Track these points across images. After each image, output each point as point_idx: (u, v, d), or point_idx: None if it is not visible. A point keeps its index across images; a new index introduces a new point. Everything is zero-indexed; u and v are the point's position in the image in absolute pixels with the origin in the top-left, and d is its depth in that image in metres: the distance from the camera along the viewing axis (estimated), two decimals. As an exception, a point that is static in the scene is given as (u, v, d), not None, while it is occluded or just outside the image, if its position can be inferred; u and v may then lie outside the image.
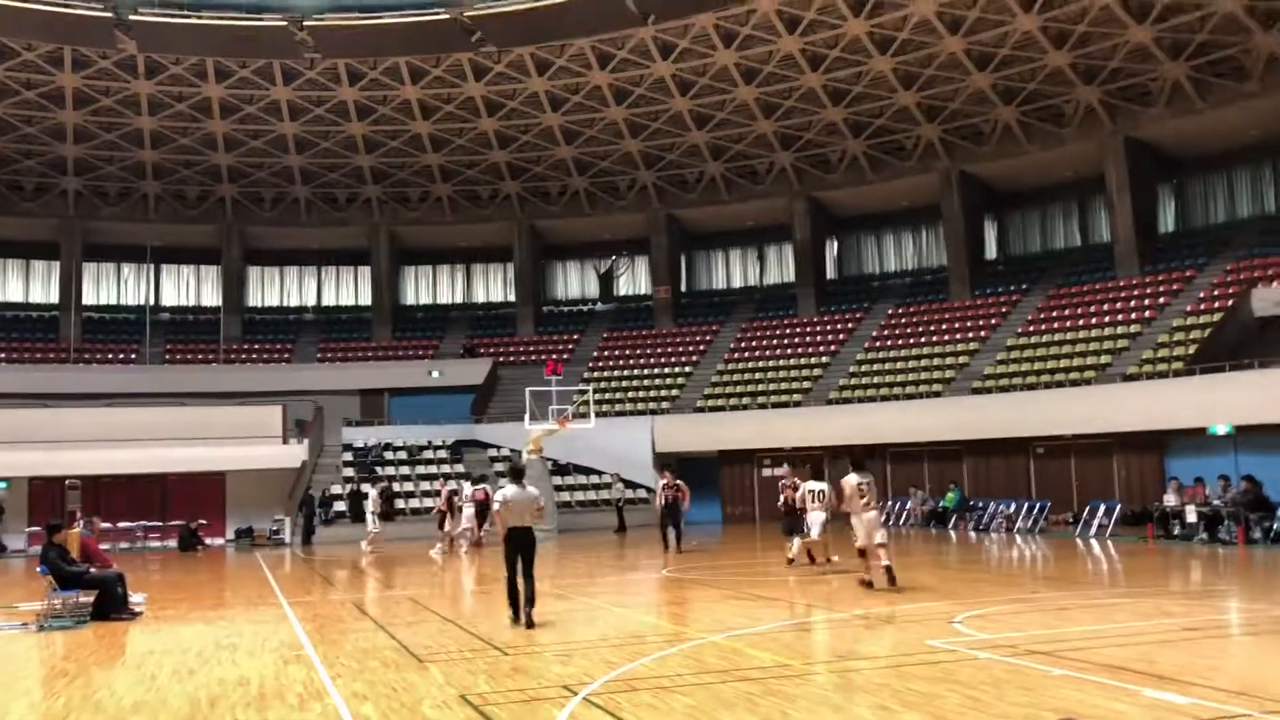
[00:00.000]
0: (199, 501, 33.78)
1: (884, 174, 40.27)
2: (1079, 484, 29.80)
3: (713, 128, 39.85)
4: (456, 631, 12.15)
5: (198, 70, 37.41)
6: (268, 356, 43.89)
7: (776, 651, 9.97)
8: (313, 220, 44.89)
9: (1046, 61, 33.70)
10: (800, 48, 35.14)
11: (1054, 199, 39.87)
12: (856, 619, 12.08)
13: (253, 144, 41.20)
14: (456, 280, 48.90)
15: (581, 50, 36.58)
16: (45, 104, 37.94)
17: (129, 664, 10.63)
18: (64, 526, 15.22)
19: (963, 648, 9.82)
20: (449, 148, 41.86)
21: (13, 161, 40.51)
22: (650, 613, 13.95)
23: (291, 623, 13.44)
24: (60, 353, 41.64)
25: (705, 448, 36.23)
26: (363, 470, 36.08)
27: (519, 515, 12.20)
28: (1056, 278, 37.82)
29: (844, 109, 37.77)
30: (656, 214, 44.04)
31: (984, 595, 13.94)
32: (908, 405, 33.33)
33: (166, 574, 22.71)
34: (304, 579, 20.83)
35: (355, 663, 10.16)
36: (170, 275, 46.76)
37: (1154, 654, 9.25)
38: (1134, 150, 35.14)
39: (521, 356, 43.71)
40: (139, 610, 14.67)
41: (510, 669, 9.63)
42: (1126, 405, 28.14)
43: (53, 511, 28.31)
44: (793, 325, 41.66)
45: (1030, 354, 33.57)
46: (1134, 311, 33.14)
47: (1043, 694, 7.74)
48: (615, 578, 19.35)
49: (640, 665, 9.51)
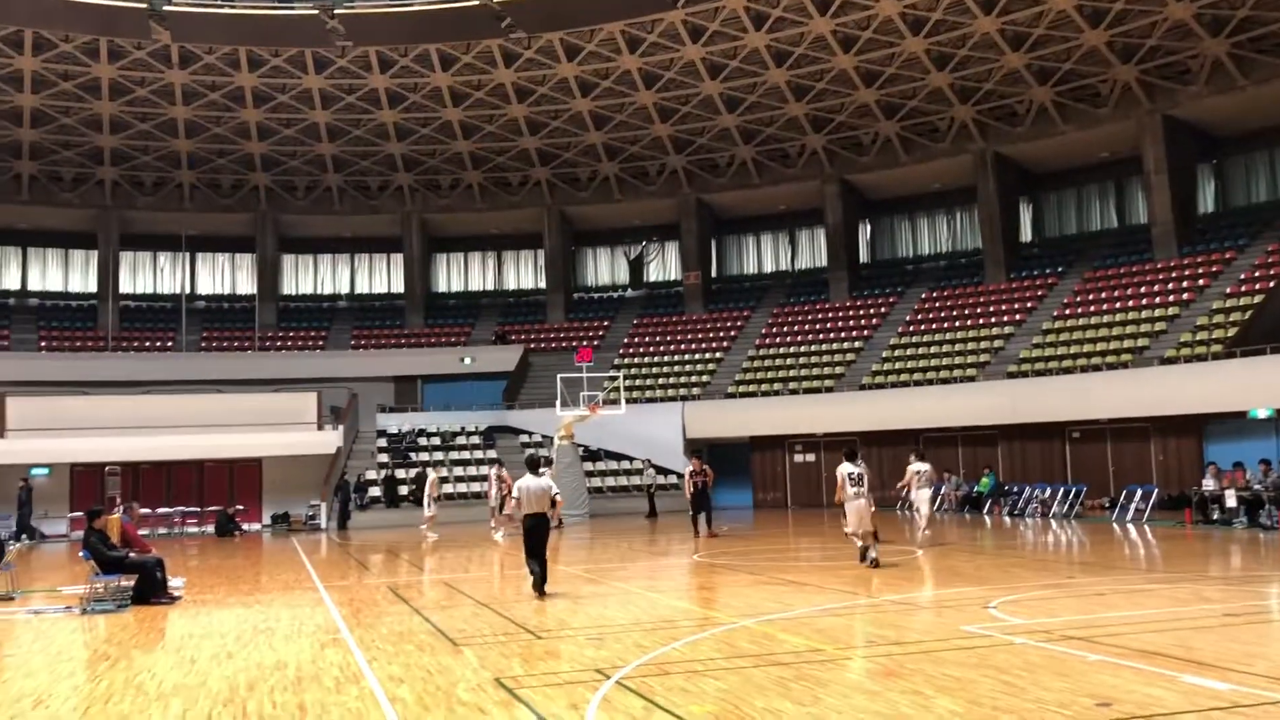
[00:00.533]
0: (236, 487, 34.24)
1: (917, 156, 39.92)
2: (1115, 468, 29.51)
3: (743, 111, 39.65)
4: (490, 615, 12.23)
5: (230, 59, 37.68)
6: (302, 344, 44.28)
7: (809, 636, 9.96)
8: (345, 208, 45.16)
9: (1082, 40, 33.23)
10: (831, 29, 34.85)
11: (1090, 180, 39.36)
12: (890, 604, 12.04)
13: (285, 132, 41.47)
14: (488, 267, 49.05)
15: (611, 35, 36.49)
16: (82, 95, 38.36)
17: (169, 647, 10.79)
18: (104, 512, 15.45)
19: (998, 633, 9.77)
20: (479, 134, 41.93)
21: (51, 152, 41.01)
22: (682, 597, 13.97)
23: (328, 607, 13.58)
24: (99, 341, 42.19)
25: (736, 434, 36.21)
26: (396, 456, 36.37)
27: (535, 502, 13.91)
28: (1093, 260, 37.38)
29: (876, 91, 37.45)
30: (687, 199, 43.92)
31: (1019, 580, 13.85)
32: (942, 390, 33.11)
33: (204, 559, 23.00)
34: (339, 563, 21.03)
35: (391, 646, 10.25)
36: (205, 264, 47.22)
37: (1192, 640, 9.15)
38: (1172, 129, 34.61)
39: (552, 343, 43.82)
40: (178, 594, 14.89)
41: (543, 652, 9.68)
42: (1164, 388, 27.81)
43: (93, 497, 28.82)
44: (825, 310, 41.45)
45: (1066, 337, 33.23)
46: (1172, 294, 32.70)
47: (1079, 679, 7.68)
48: (647, 562, 19.39)
49: (672, 649, 9.54)
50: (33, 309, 44.20)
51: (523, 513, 14.05)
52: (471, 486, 34.73)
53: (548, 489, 14.14)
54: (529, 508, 13.93)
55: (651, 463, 34.11)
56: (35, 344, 41.54)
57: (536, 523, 13.88)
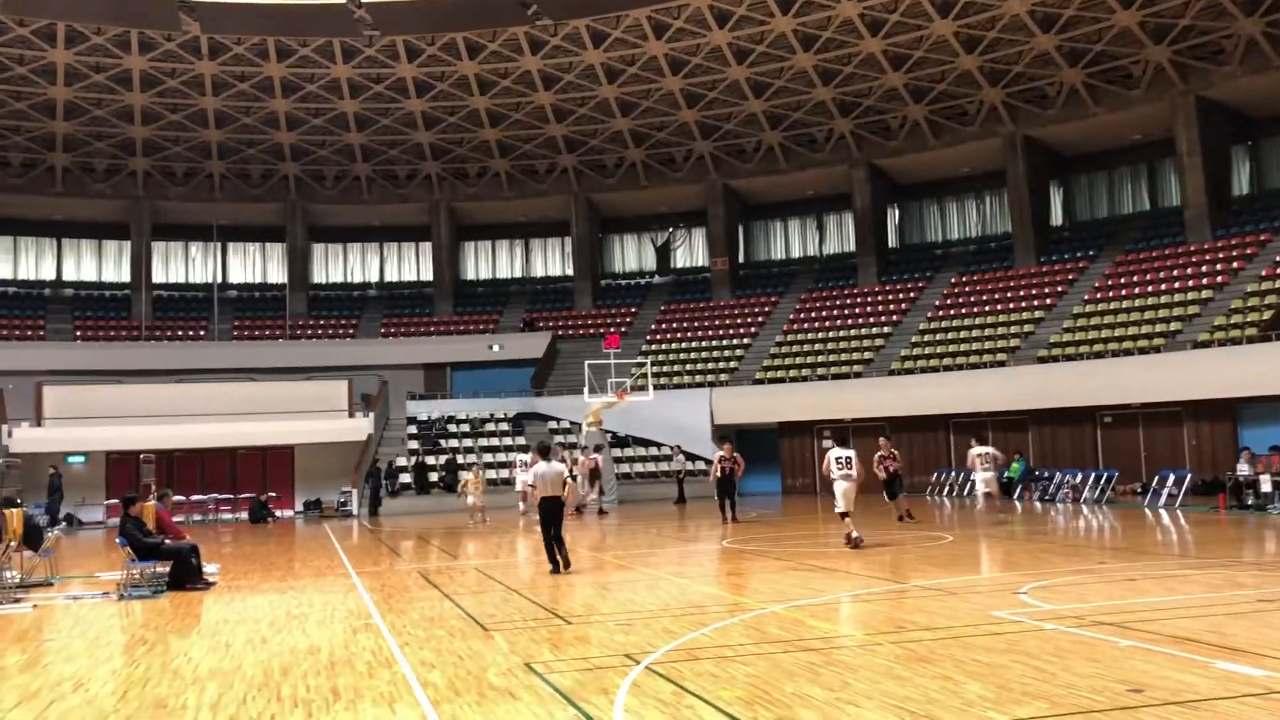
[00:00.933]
0: (269, 474, 34.60)
1: (946, 139, 39.60)
2: (1147, 453, 29.26)
3: (770, 96, 39.46)
4: (520, 600, 12.31)
5: (259, 50, 37.90)
6: (333, 332, 44.60)
7: (838, 622, 9.97)
8: (374, 197, 45.37)
9: (1114, 21, 32.82)
10: (859, 12, 34.60)
11: (1122, 162, 38.91)
12: (919, 589, 12.02)
13: (314, 122, 41.70)
14: (515, 255, 49.17)
15: (637, 20, 36.40)
16: (114, 86, 38.72)
17: (204, 632, 10.94)
18: (139, 499, 15.65)
19: (1028, 618, 9.74)
20: (507, 122, 41.98)
21: (84, 144, 41.45)
22: (710, 583, 14.01)
23: (360, 592, 13.71)
24: (132, 330, 42.68)
25: (765, 419, 36.17)
26: (426, 443, 36.60)
27: (550, 486, 14.91)
28: (1125, 243, 36.99)
29: (904, 74, 37.17)
30: (714, 184, 43.80)
31: (1050, 566, 13.78)
32: (972, 375, 32.92)
33: (238, 545, 23.27)
34: (371, 549, 21.22)
35: (422, 631, 10.35)
36: (236, 253, 47.62)
37: (1225, 626, 9.08)
38: (1206, 110, 34.14)
39: (580, 330, 43.89)
40: (212, 580, 15.08)
41: (573, 638, 9.74)
42: (1198, 373, 27.53)
43: (128, 485, 29.21)
44: (853, 295, 41.27)
45: (1098, 321, 32.93)
46: (1205, 277, 32.32)
47: (1110, 665, 7.65)
48: (676, 548, 19.44)
49: (702, 635, 9.57)
50: (68, 299, 44.76)
51: (539, 495, 15.04)
52: (500, 473, 34.89)
53: (561, 473, 15.15)
54: (545, 491, 14.91)
55: (681, 449, 34.15)
56: (70, 334, 42.08)
57: (551, 505, 14.85)
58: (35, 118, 39.59)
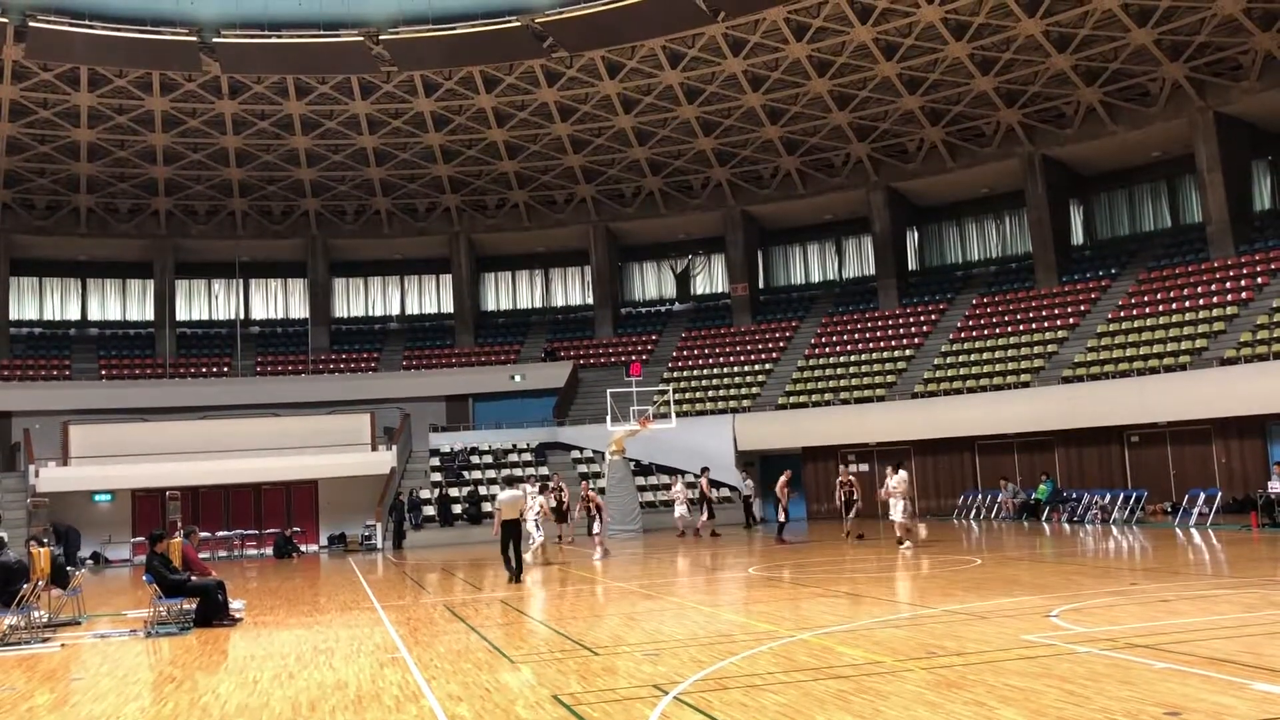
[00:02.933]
0: (293, 509, 34.70)
1: (964, 161, 39.57)
2: (1176, 472, 28.95)
3: (786, 122, 39.57)
4: (547, 632, 12.26)
5: (279, 88, 38.36)
6: (355, 366, 44.82)
7: (868, 649, 9.87)
8: (394, 231, 45.70)
9: (1129, 39, 32.79)
10: (873, 37, 34.71)
11: (1141, 180, 38.73)
12: (950, 614, 11.90)
13: (334, 158, 42.10)
14: (535, 285, 49.34)
15: (652, 50, 36.64)
16: (136, 127, 39.25)
17: (231, 669, 10.94)
18: (165, 536, 15.70)
19: (1060, 642, 9.62)
20: (524, 154, 42.26)
21: (108, 185, 41.97)
22: (738, 611, 13.91)
23: (385, 626, 13.69)
24: (157, 368, 43.02)
25: (788, 445, 36.03)
26: (450, 475, 36.63)
27: (510, 510, 18.42)
28: (1147, 261, 36.77)
29: (920, 97, 37.21)
30: (732, 211, 43.89)
31: (1081, 588, 13.62)
32: (996, 396, 32.72)
33: (264, 581, 23.30)
34: (396, 583, 21.20)
35: (449, 664, 10.31)
36: (259, 289, 47.99)
37: (1261, 646, 8.94)
38: (1225, 126, 33.99)
39: (601, 358, 43.93)
40: (239, 616, 15.08)
41: (601, 669, 9.68)
42: (1225, 389, 27.26)
43: (154, 522, 29.33)
44: (874, 318, 41.16)
45: (1122, 340, 32.69)
46: (1230, 293, 32.06)
47: (1145, 688, 7.54)
48: (702, 576, 19.32)
49: (730, 664, 9.49)
50: (93, 339, 45.18)
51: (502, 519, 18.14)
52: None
53: (518, 499, 18.64)
54: (507, 515, 18.20)
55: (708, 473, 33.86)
56: (96, 373, 42.44)
57: (514, 526, 18.41)
58: (60, 160, 40.15)
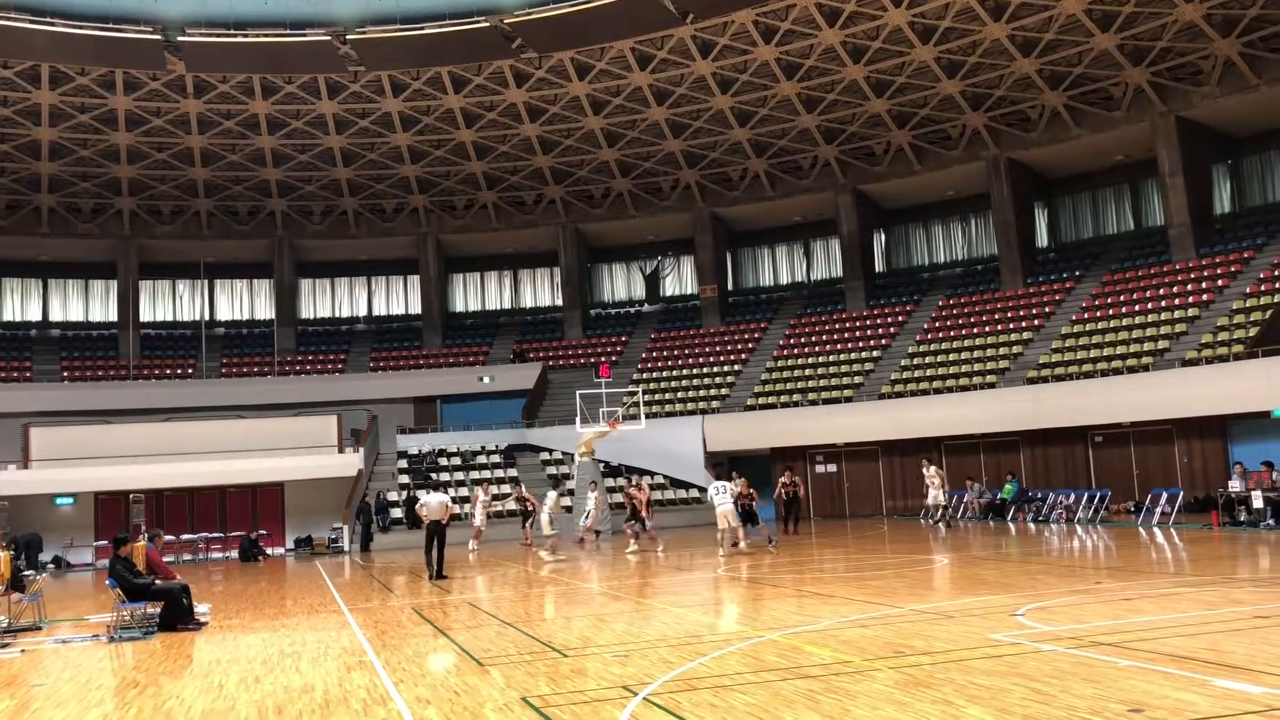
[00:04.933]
0: (259, 512, 34.39)
1: (930, 164, 39.88)
2: (1140, 471, 29.33)
3: (755, 124, 39.71)
4: (515, 634, 12.22)
5: (244, 87, 38.02)
6: (321, 367, 44.50)
7: (836, 648, 9.92)
8: (361, 231, 45.43)
9: (1092, 44, 33.17)
10: (841, 40, 34.91)
11: (1105, 183, 39.21)
12: (917, 613, 11.97)
13: (300, 158, 41.79)
14: (504, 286, 49.21)
15: (621, 52, 36.65)
16: (99, 127, 38.77)
17: (196, 673, 10.82)
18: (129, 540, 15.51)
19: (1026, 640, 9.70)
20: (493, 155, 42.14)
21: (70, 184, 41.44)
22: (707, 612, 13.93)
23: (353, 629, 13.60)
24: (120, 370, 42.51)
25: (757, 445, 36.15)
26: (417, 477, 36.44)
27: (435, 512, 19.96)
28: (1110, 263, 37.21)
29: (887, 100, 37.46)
30: (701, 213, 43.98)
31: (1046, 587, 13.75)
32: (962, 397, 32.99)
33: (229, 584, 23.07)
34: (363, 586, 21.05)
35: (416, 667, 10.25)
36: (224, 290, 47.55)
37: (1223, 643, 9.07)
38: (1186, 130, 34.47)
39: (570, 360, 43.87)
40: (204, 620, 14.93)
41: (570, 670, 9.66)
42: (1187, 390, 27.63)
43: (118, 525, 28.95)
44: (842, 320, 41.38)
45: (1086, 341, 33.07)
46: (1191, 295, 32.52)
47: (1110, 685, 7.62)
48: (670, 577, 19.33)
49: (699, 664, 9.50)
50: (54, 340, 44.59)
51: (428, 520, 19.81)
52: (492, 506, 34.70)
53: (444, 502, 20.20)
54: (431, 516, 19.85)
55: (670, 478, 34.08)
56: (57, 374, 41.88)
57: (437, 526, 19.79)
58: (20, 159, 39.59)
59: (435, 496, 20.63)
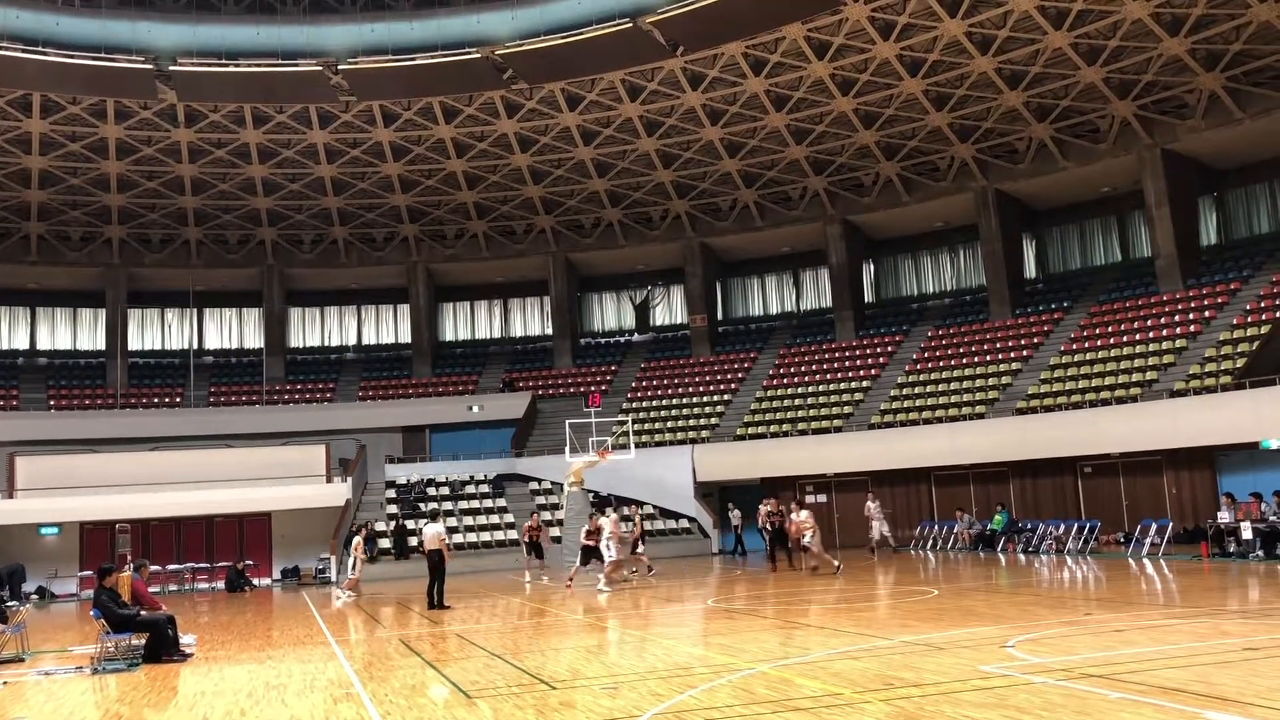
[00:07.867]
0: (246, 542, 34.16)
1: (919, 195, 40.13)
2: (1129, 502, 29.34)
3: (744, 155, 39.94)
4: (504, 666, 12.13)
5: (235, 117, 38.11)
6: (310, 396, 44.35)
7: (826, 680, 9.86)
8: (351, 260, 45.43)
9: (1079, 77, 33.50)
10: (830, 73, 35.19)
11: (1092, 215, 39.49)
12: (907, 645, 11.92)
13: (291, 187, 41.85)
14: (494, 315, 49.22)
15: (612, 84, 36.88)
16: (90, 155, 38.79)
17: (181, 705, 10.70)
18: (115, 570, 15.38)
19: (1017, 672, 9.66)
20: (483, 185, 42.27)
21: (59, 213, 41.41)
22: (697, 643, 13.85)
23: (340, 661, 13.48)
24: (108, 399, 42.31)
25: (747, 475, 36.08)
26: (405, 507, 36.26)
27: (431, 542, 20.33)
28: (1098, 294, 37.41)
29: (876, 132, 37.74)
30: (690, 243, 44.13)
31: (1036, 618, 13.72)
32: (951, 427, 33.02)
33: (215, 615, 22.88)
34: (351, 617, 20.89)
35: (404, 699, 10.16)
36: (213, 319, 47.45)
37: (1213, 675, 9.04)
38: (1172, 163, 34.78)
39: (560, 389, 43.83)
40: (189, 652, 14.79)
41: (558, 703, 9.58)
42: (1175, 421, 27.71)
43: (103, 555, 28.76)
44: (831, 350, 41.47)
45: (1074, 372, 33.18)
46: (1179, 326, 32.69)
47: (1100, 718, 7.58)
48: (660, 609, 19.24)
49: (689, 697, 9.44)
50: (41, 368, 44.39)
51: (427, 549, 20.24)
52: (480, 536, 34.59)
53: (440, 533, 20.32)
54: (430, 546, 20.23)
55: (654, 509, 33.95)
56: (44, 403, 41.67)
57: (436, 555, 20.09)
58: (10, 187, 39.57)
59: (432, 527, 20.57)
